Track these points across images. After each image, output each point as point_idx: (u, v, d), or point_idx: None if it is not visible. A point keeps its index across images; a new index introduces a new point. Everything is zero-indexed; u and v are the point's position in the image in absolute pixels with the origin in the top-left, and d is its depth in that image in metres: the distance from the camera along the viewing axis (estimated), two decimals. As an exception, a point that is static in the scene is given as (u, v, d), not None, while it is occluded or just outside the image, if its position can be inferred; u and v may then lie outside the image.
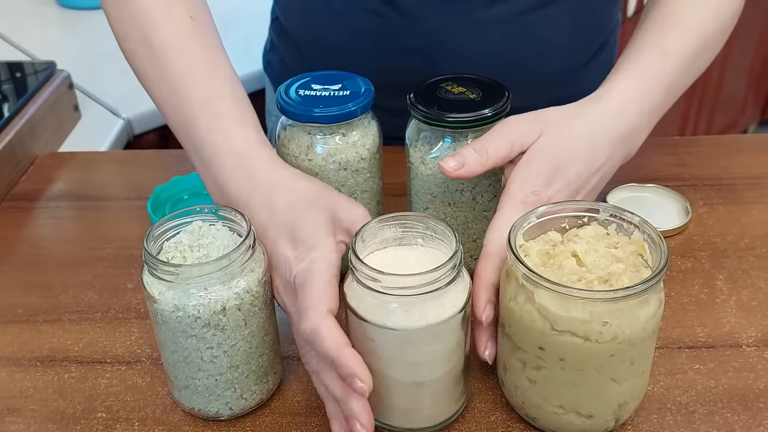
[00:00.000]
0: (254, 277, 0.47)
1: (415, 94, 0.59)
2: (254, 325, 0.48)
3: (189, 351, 0.47)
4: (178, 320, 0.46)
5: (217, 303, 0.46)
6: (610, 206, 0.50)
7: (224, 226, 0.50)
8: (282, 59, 0.83)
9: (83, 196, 0.78)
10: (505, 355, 0.49)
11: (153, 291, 0.46)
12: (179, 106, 0.55)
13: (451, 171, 0.52)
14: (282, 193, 0.51)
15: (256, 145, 0.54)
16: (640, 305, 0.44)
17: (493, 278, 0.48)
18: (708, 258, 0.65)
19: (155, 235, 0.48)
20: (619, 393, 0.47)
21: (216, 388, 0.49)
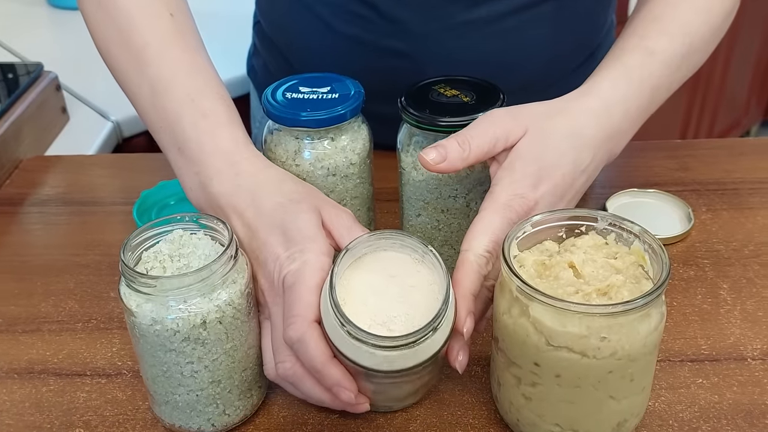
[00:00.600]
0: (236, 289, 0.45)
1: (406, 97, 0.56)
2: (237, 339, 0.46)
3: (168, 366, 0.45)
4: (156, 334, 0.44)
5: (196, 316, 0.44)
6: (609, 215, 0.48)
7: (206, 235, 0.48)
8: (265, 64, 0.81)
9: (68, 201, 0.76)
10: (499, 370, 0.47)
11: (130, 303, 0.44)
12: (161, 105, 0.53)
13: (432, 164, 0.50)
14: (268, 194, 0.49)
15: (242, 145, 0.52)
16: (641, 319, 0.42)
17: (472, 287, 0.46)
18: (711, 266, 0.63)
19: (133, 245, 0.46)
20: (618, 411, 0.44)
21: (197, 404, 0.47)
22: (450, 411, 0.51)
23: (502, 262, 0.44)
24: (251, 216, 0.49)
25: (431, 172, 0.56)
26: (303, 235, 0.47)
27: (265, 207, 0.48)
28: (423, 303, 0.45)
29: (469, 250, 0.47)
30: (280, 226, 0.48)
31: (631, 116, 0.55)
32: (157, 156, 0.86)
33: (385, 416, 0.51)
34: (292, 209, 0.48)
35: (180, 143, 0.52)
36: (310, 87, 0.57)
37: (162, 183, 0.73)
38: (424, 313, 0.44)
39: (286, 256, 0.46)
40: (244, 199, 0.49)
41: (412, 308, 0.45)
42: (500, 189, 0.50)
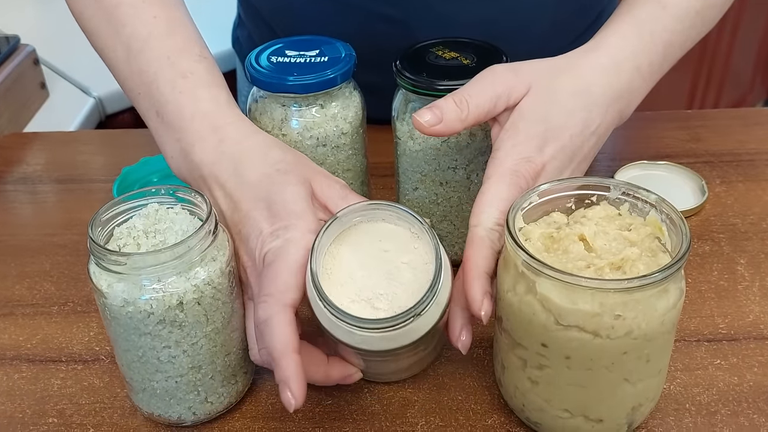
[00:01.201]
0: (216, 267, 0.42)
1: (401, 60, 0.52)
2: (218, 321, 0.43)
3: (144, 350, 0.42)
4: (128, 316, 0.40)
5: (172, 297, 0.40)
6: (622, 183, 0.44)
7: (184, 209, 0.44)
8: (249, 34, 0.77)
9: (46, 179, 0.72)
10: (503, 352, 0.43)
11: (100, 283, 0.40)
12: (138, 67, 0.49)
13: (427, 126, 0.46)
14: (253, 164, 0.45)
15: (225, 107, 0.48)
16: (659, 295, 0.38)
17: (487, 266, 0.42)
18: (727, 241, 0.59)
19: (103, 220, 0.42)
20: (633, 394, 0.41)
21: (177, 391, 0.43)
22: (450, 396, 0.47)
23: (506, 235, 0.40)
24: (234, 187, 0.45)
25: (429, 142, 0.52)
26: (289, 210, 0.43)
27: (250, 178, 0.45)
28: (414, 283, 0.41)
29: (479, 225, 0.43)
30: (264, 199, 0.44)
31: (642, 73, 0.50)
32: (142, 132, 0.83)
33: (381, 403, 0.47)
34: (279, 181, 0.44)
35: (158, 107, 0.48)
36: (297, 50, 0.53)
37: (144, 159, 0.69)
38: (414, 293, 0.40)
39: (269, 233, 0.43)
40: (226, 169, 0.45)
41: (401, 287, 0.41)
42: (504, 153, 0.45)
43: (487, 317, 0.41)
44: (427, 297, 0.39)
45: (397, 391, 0.48)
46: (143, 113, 0.50)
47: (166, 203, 0.44)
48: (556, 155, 0.46)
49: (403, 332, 0.40)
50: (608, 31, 0.51)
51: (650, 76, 0.51)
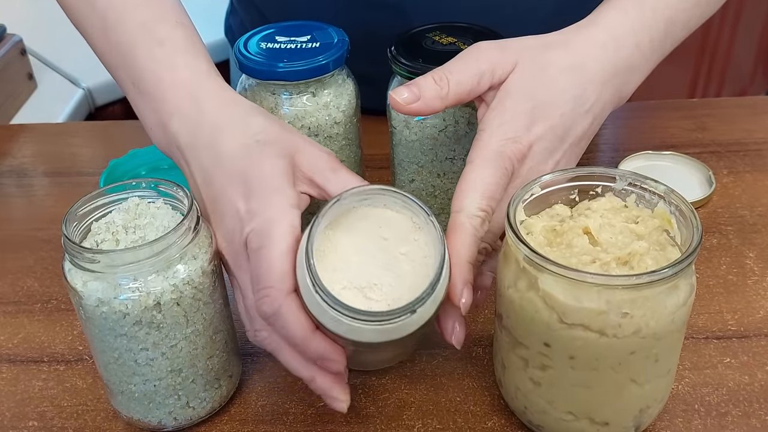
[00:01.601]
0: (197, 266, 0.39)
1: (396, 46, 0.50)
2: (199, 323, 0.41)
3: (120, 352, 0.40)
4: (103, 317, 0.38)
5: (149, 297, 0.38)
6: (629, 173, 0.42)
7: (166, 204, 0.42)
8: (242, 22, 0.75)
9: (32, 172, 0.70)
10: (504, 351, 0.41)
11: (75, 282, 0.38)
12: (114, 38, 0.47)
13: (403, 104, 0.43)
14: (232, 134, 0.42)
15: (205, 75, 0.45)
16: (668, 292, 0.36)
17: (468, 254, 0.40)
18: (736, 233, 0.57)
19: (79, 215, 0.40)
20: (641, 396, 0.39)
21: (155, 395, 0.41)
22: (448, 397, 0.45)
23: (507, 229, 0.38)
24: (209, 159, 0.42)
25: (426, 131, 0.50)
26: (266, 185, 0.40)
27: (227, 149, 0.42)
28: (411, 275, 0.39)
29: (461, 210, 0.41)
30: (240, 173, 0.41)
31: (643, 51, 0.47)
32: (132, 123, 0.81)
33: (376, 405, 0.45)
34: (257, 153, 0.42)
35: (135, 78, 0.46)
36: (288, 36, 0.51)
37: (133, 151, 0.67)
38: (410, 287, 0.38)
39: (245, 210, 0.40)
40: (204, 140, 0.43)
41: (397, 279, 0.39)
42: (488, 134, 0.43)
43: (466, 307, 0.39)
44: (426, 294, 0.37)
45: (393, 392, 0.46)
46: (122, 86, 0.48)
47: (148, 197, 0.42)
48: (545, 135, 0.43)
49: (396, 327, 0.37)
50: (607, 6, 0.48)
51: (651, 54, 0.48)
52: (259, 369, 0.48)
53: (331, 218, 0.40)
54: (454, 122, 0.49)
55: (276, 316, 0.38)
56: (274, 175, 0.41)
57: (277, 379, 0.47)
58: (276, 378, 0.47)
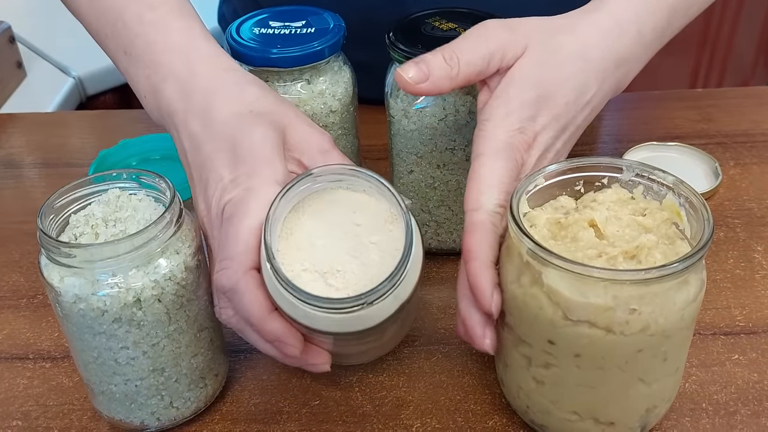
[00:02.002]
0: (179, 260, 0.38)
1: (394, 31, 0.48)
2: (182, 320, 0.39)
3: (99, 351, 0.38)
4: (80, 314, 0.36)
5: (128, 293, 0.36)
6: (636, 164, 0.40)
7: (148, 196, 0.40)
8: (235, 9, 0.73)
9: (21, 163, 0.68)
10: (506, 349, 0.40)
11: (52, 277, 0.36)
12: (101, 5, 0.45)
13: (411, 83, 0.41)
14: (225, 101, 0.40)
15: (200, 39, 0.43)
16: (678, 288, 0.35)
17: (493, 254, 0.38)
18: (743, 226, 0.55)
19: (56, 207, 0.38)
20: (648, 395, 0.37)
21: (137, 396, 0.40)
22: (448, 395, 0.44)
23: (509, 221, 0.37)
24: (199, 126, 0.40)
25: (425, 121, 0.48)
26: (255, 155, 0.38)
27: (218, 116, 0.40)
28: (378, 266, 0.36)
29: (479, 209, 0.39)
30: (230, 141, 0.39)
31: (645, 39, 0.46)
32: (123, 113, 0.79)
33: (373, 403, 0.44)
34: (248, 122, 0.40)
35: (126, 44, 0.44)
36: (282, 21, 0.49)
37: (123, 142, 0.65)
38: (374, 277, 0.36)
39: (229, 179, 0.39)
40: (196, 105, 0.41)
41: (363, 268, 0.37)
42: (494, 125, 0.41)
43: (497, 310, 0.37)
44: (384, 287, 0.35)
45: (390, 391, 0.44)
46: (113, 56, 0.46)
47: (129, 189, 0.40)
48: (549, 125, 0.42)
49: (351, 318, 0.35)
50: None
51: (652, 43, 0.47)
52: (251, 366, 0.46)
53: (303, 195, 0.38)
54: (455, 111, 0.48)
55: (233, 291, 0.37)
56: (264, 146, 0.39)
57: (270, 376, 0.46)
58: (269, 375, 0.46)
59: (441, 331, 0.48)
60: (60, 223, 0.38)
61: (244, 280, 0.36)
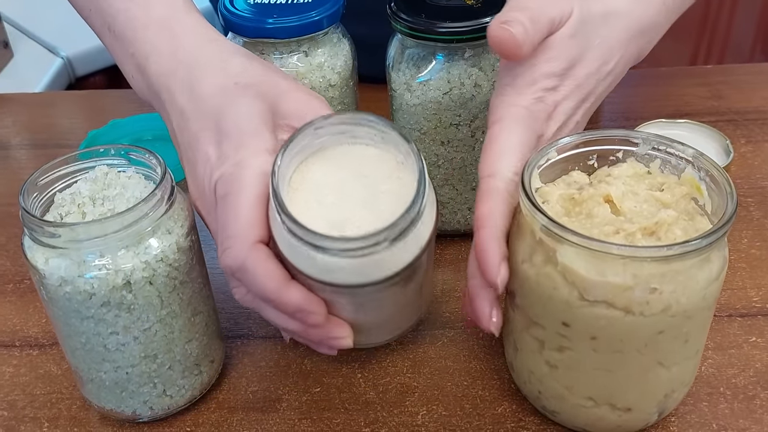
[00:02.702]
0: (171, 240, 0.36)
1: (396, 1, 0.46)
2: (175, 304, 0.37)
3: (87, 337, 0.36)
4: (67, 297, 0.34)
5: (117, 275, 0.34)
6: (653, 136, 0.38)
7: (138, 173, 0.38)
8: None
9: (7, 144, 0.66)
10: (516, 332, 0.38)
11: (36, 259, 0.34)
12: None
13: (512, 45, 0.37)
14: (210, 74, 0.38)
15: (182, 11, 0.41)
16: (700, 265, 0.33)
17: (505, 223, 0.36)
18: (757, 205, 0.54)
19: (40, 185, 0.36)
20: (668, 380, 0.36)
21: (128, 384, 0.38)
22: (454, 381, 0.42)
23: (522, 197, 0.34)
24: (185, 102, 0.38)
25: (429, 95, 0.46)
26: (240, 128, 0.36)
27: (203, 91, 0.38)
28: (391, 212, 0.34)
29: (495, 175, 0.36)
30: (214, 115, 0.37)
31: (668, 7, 0.44)
32: (113, 93, 0.76)
33: (377, 390, 0.42)
34: (234, 95, 0.38)
35: (110, 21, 0.42)
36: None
37: (113, 121, 0.63)
38: (389, 222, 0.34)
39: (216, 156, 0.37)
40: (181, 81, 0.39)
41: (376, 215, 0.34)
42: (516, 91, 0.39)
43: (503, 285, 0.35)
44: (403, 221, 0.33)
45: (394, 377, 0.42)
46: (98, 33, 0.44)
47: (117, 165, 0.38)
48: (570, 95, 0.39)
49: (373, 262, 0.33)
50: None
51: (673, 12, 0.45)
52: (249, 352, 0.44)
53: (306, 151, 0.36)
54: (460, 84, 0.45)
55: (242, 270, 0.35)
56: (250, 118, 0.36)
57: (269, 363, 0.44)
58: (268, 362, 0.44)
59: (446, 315, 0.46)
60: (45, 202, 0.36)
61: (251, 256, 0.34)
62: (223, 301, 0.47)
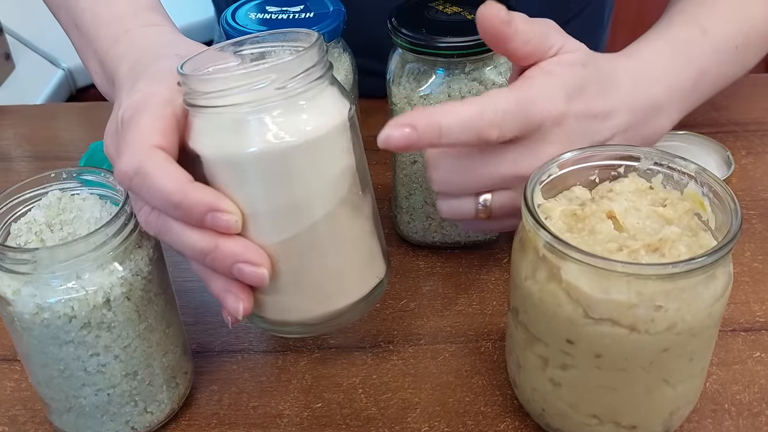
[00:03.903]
0: (143, 254, 0.36)
1: (397, 15, 0.46)
2: (151, 317, 0.37)
3: (66, 362, 0.35)
4: (44, 324, 0.34)
5: (97, 294, 0.34)
6: (655, 151, 0.38)
7: (92, 194, 0.38)
8: None
9: (8, 157, 0.65)
10: (519, 349, 0.38)
11: (4, 290, 0.34)
12: None
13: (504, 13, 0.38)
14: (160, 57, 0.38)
15: (145, 10, 0.42)
16: (706, 282, 0.33)
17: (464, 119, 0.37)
18: (759, 217, 0.53)
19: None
20: (673, 398, 0.35)
21: (110, 405, 0.37)
22: (456, 397, 0.42)
23: (524, 213, 0.34)
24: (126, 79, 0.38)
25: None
26: (155, 74, 0.36)
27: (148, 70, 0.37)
28: None
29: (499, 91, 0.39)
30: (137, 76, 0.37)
31: (673, 95, 0.45)
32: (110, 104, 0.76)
33: (378, 406, 0.42)
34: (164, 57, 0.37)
35: (76, 18, 0.43)
36: (280, 6, 0.47)
37: (114, 133, 0.62)
38: None
39: (127, 95, 0.36)
40: (128, 64, 0.39)
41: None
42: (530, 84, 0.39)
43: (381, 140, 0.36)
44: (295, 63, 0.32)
45: (395, 392, 0.42)
46: (65, 29, 0.45)
47: (70, 189, 0.38)
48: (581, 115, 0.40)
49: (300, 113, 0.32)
50: (640, 44, 0.46)
51: (680, 104, 0.46)
52: (249, 367, 0.44)
53: None
54: (460, 98, 0.45)
55: (140, 174, 0.32)
56: (171, 69, 0.35)
57: (269, 378, 0.43)
58: (268, 377, 0.44)
59: (447, 329, 0.46)
60: (1, 234, 0.36)
61: (150, 157, 0.32)
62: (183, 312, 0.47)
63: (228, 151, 0.33)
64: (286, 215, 0.34)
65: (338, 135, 0.35)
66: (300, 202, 0.34)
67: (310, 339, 0.45)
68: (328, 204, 0.35)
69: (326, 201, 0.35)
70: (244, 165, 0.33)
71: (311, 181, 0.34)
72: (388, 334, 0.46)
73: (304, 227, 0.35)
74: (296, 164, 0.33)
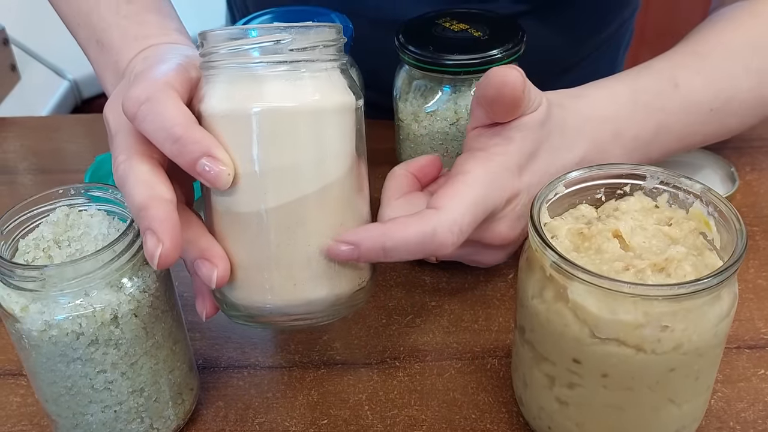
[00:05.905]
0: (150, 271, 0.36)
1: (404, 32, 0.46)
2: (158, 334, 0.37)
3: (74, 380, 0.35)
4: (52, 341, 0.34)
5: (105, 311, 0.34)
6: (660, 170, 0.38)
7: (100, 210, 0.38)
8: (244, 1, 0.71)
9: (14, 169, 0.66)
10: (526, 367, 0.38)
11: (12, 307, 0.34)
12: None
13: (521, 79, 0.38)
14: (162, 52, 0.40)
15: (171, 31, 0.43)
16: (711, 303, 0.33)
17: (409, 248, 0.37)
18: (763, 234, 0.54)
19: (5, 233, 0.36)
20: (679, 417, 0.35)
21: (116, 423, 0.37)
22: (462, 414, 0.42)
23: (531, 232, 0.35)
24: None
25: (436, 126, 0.46)
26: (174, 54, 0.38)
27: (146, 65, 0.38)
28: None
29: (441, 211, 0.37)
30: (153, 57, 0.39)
31: (624, 142, 0.45)
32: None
33: (384, 423, 0.42)
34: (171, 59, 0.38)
35: (99, 35, 0.43)
36: (288, 22, 0.47)
37: (120, 146, 0.63)
38: None
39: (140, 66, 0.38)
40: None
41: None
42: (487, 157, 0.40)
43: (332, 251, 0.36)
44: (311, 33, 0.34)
45: (402, 409, 0.42)
46: (84, 46, 0.46)
47: (78, 205, 0.38)
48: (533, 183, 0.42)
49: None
50: (598, 85, 0.46)
51: (634, 150, 0.46)
52: (255, 383, 0.44)
53: None
54: (467, 114, 0.46)
55: (151, 101, 0.33)
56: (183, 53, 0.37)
57: (275, 394, 0.44)
58: (274, 393, 0.44)
59: (453, 346, 0.46)
60: (9, 249, 0.36)
61: (164, 89, 0.33)
62: (230, 330, 0.47)
63: (234, 105, 0.33)
64: (279, 180, 0.34)
65: (342, 116, 0.35)
66: (294, 168, 0.34)
67: (316, 354, 0.46)
68: (321, 178, 0.35)
69: (320, 175, 0.35)
70: (249, 120, 0.33)
71: (309, 149, 0.34)
72: (394, 350, 0.46)
73: (295, 198, 0.34)
74: (297, 129, 0.34)
